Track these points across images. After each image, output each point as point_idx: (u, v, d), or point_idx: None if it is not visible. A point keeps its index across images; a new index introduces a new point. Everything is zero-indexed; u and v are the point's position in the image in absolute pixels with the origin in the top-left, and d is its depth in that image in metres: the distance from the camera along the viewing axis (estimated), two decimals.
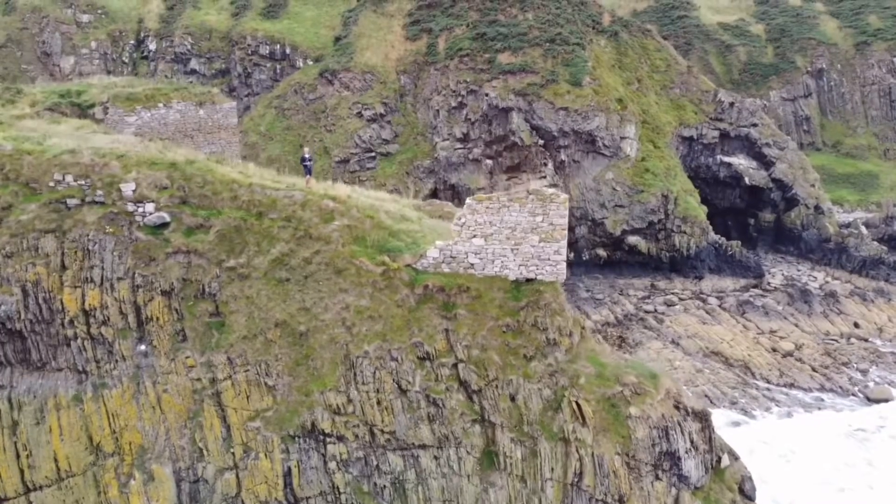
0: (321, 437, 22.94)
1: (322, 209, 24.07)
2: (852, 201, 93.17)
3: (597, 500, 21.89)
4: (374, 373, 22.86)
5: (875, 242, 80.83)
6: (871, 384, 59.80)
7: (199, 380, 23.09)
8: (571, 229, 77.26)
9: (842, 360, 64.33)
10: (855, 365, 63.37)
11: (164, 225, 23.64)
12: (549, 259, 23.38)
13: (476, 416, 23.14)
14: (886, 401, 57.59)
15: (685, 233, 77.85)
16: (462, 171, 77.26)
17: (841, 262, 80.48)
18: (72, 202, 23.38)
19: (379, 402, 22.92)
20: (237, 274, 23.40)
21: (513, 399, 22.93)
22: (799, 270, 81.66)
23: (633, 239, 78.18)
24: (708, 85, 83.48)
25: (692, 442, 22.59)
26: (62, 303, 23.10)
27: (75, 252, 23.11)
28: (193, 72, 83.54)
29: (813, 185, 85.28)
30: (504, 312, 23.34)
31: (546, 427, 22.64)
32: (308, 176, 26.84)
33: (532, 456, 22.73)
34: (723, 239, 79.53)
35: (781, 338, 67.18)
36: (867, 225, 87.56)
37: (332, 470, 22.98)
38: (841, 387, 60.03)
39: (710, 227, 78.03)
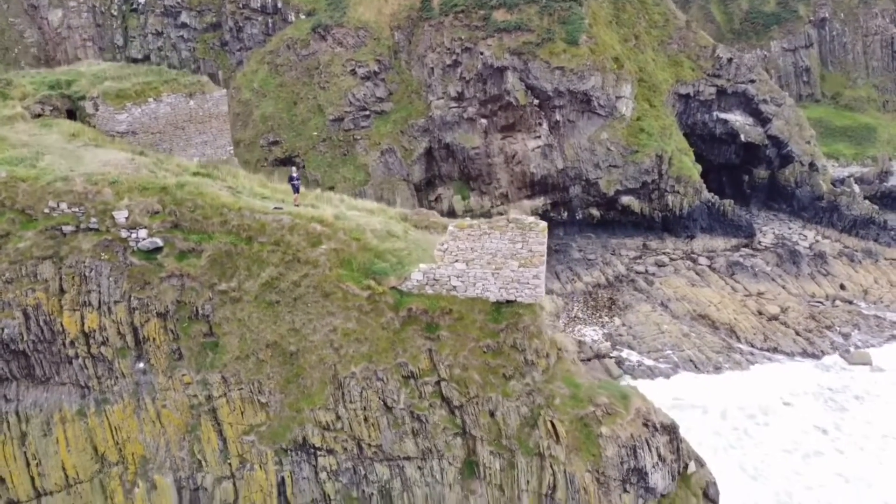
0: (312, 451, 24.50)
1: (309, 233, 24.89)
2: (848, 155, 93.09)
3: None
4: (361, 392, 24.21)
5: (867, 202, 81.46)
6: (851, 349, 61.66)
7: (195, 396, 24.46)
8: (566, 189, 77.90)
9: (825, 323, 66.07)
10: (838, 329, 65.16)
11: (158, 249, 24.52)
12: (528, 283, 24.38)
13: (458, 429, 24.62)
14: (866, 364, 59.56)
15: (678, 193, 78.39)
16: (457, 131, 77.22)
17: (832, 220, 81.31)
18: (67, 229, 24.20)
19: (366, 419, 24.36)
20: (229, 297, 24.43)
21: (492, 415, 24.35)
22: (790, 229, 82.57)
23: (626, 199, 78.80)
24: (706, 40, 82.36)
25: (660, 455, 24.14)
26: (62, 325, 24.23)
27: (73, 277, 24.08)
28: (184, 25, 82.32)
29: (808, 143, 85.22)
30: (485, 334, 24.49)
31: (523, 442, 24.15)
32: (296, 194, 27.50)
33: (510, 468, 24.33)
34: (716, 198, 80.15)
35: (768, 300, 68.72)
36: (861, 180, 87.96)
37: (323, 480, 24.64)
38: (822, 351, 61.94)
39: (704, 187, 78.54)
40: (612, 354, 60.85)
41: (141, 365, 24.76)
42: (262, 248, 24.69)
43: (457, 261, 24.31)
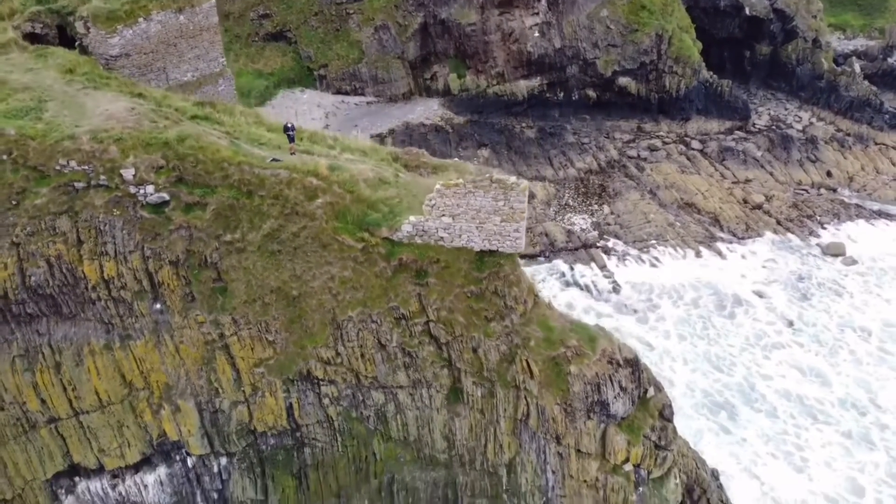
0: (315, 381, 27.76)
1: (306, 187, 26.57)
2: (856, 26, 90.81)
3: (538, 436, 27.29)
4: (358, 333, 27.05)
5: (866, 82, 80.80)
6: (827, 240, 64.47)
7: (209, 334, 27.32)
8: (563, 69, 77.20)
9: (807, 212, 68.46)
10: (818, 218, 67.66)
11: (165, 203, 26.33)
12: (509, 236, 26.44)
13: (444, 363, 27.74)
14: (839, 255, 62.67)
15: (676, 73, 77.85)
16: (452, 6, 75.41)
17: (829, 102, 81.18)
18: (79, 185, 25.88)
19: (363, 355, 27.40)
20: (234, 247, 26.58)
21: (475, 351, 27.35)
22: (786, 110, 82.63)
23: (623, 80, 78.35)
24: None
25: (621, 387, 27.44)
26: (83, 272, 26.58)
27: (89, 230, 26.10)
28: None
29: (815, 17, 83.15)
30: (469, 281, 26.91)
31: (501, 376, 27.34)
32: (292, 143, 28.72)
33: (490, 396, 27.70)
34: (714, 77, 79.61)
35: (754, 189, 70.60)
36: (865, 55, 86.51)
37: (326, 405, 28.11)
38: (800, 241, 64.82)
39: (703, 66, 77.78)
40: (598, 244, 63.70)
41: (158, 306, 27.39)
42: (262, 202, 26.49)
43: (444, 215, 26.21)
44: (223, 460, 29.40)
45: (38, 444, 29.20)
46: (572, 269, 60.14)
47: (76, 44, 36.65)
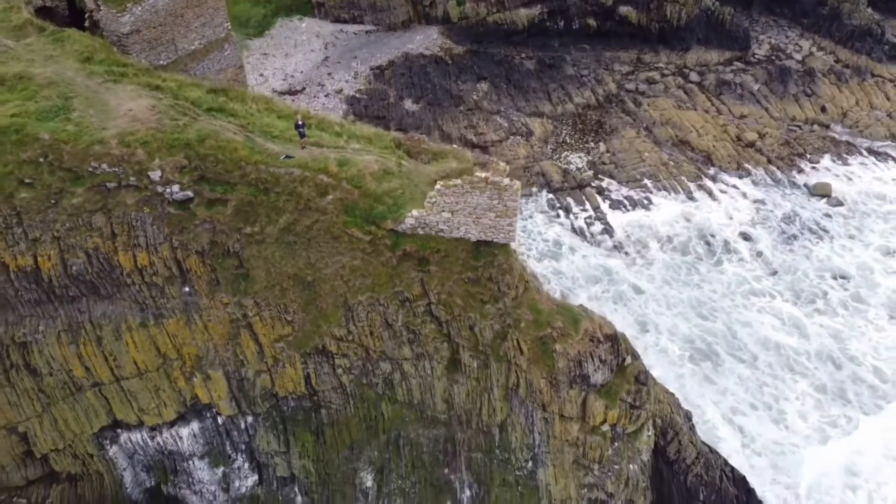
0: (330, 354, 31.23)
1: (317, 184, 29.00)
2: None
3: (527, 404, 31.05)
4: (367, 314, 30.27)
5: (869, 10, 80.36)
6: (815, 180, 66.72)
7: (233, 314, 30.55)
8: None
9: (798, 150, 70.35)
10: (808, 156, 69.61)
11: (189, 200, 28.87)
12: (503, 229, 29.15)
13: (444, 338, 31.12)
14: (825, 196, 65.14)
15: (677, 2, 77.60)
16: None
17: (830, 30, 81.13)
18: (111, 185, 28.32)
19: (371, 333, 30.73)
20: (254, 239, 29.35)
21: (471, 329, 30.66)
22: (787, 38, 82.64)
23: (624, 9, 78.24)
24: None
25: (601, 360, 30.94)
26: (119, 261, 29.48)
27: (122, 225, 28.79)
28: None
29: None
30: (466, 268, 29.85)
31: (495, 350, 30.78)
32: (303, 139, 30.78)
33: (484, 367, 31.25)
34: (716, 4, 79.24)
35: (748, 126, 72.07)
36: None
37: (340, 374, 31.72)
38: (789, 180, 67.14)
39: None
40: (592, 184, 66.01)
41: (186, 289, 30.46)
42: (277, 198, 29.01)
43: (444, 211, 28.81)
44: (249, 419, 33.36)
45: (84, 404, 33.04)
46: (567, 209, 62.66)
47: (86, 16, 37.91)
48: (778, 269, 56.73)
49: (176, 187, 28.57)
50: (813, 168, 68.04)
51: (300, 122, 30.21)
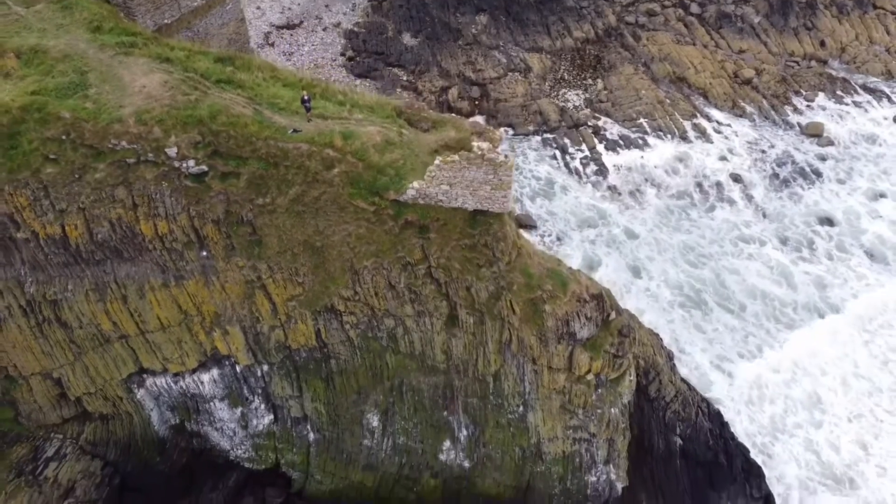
0: (338, 312, 33.95)
1: (324, 158, 30.84)
2: None
3: (518, 357, 34.02)
4: (372, 277, 32.76)
5: None
6: (807, 120, 67.83)
7: (248, 276, 33.05)
8: None
9: (794, 87, 71.11)
10: (804, 94, 70.42)
11: (205, 174, 30.80)
12: (498, 200, 31.21)
13: (443, 297, 33.74)
14: (817, 136, 66.51)
15: None
16: None
17: None
18: (130, 161, 30.19)
19: (376, 294, 33.32)
20: (266, 209, 31.47)
21: (468, 290, 33.23)
22: None
23: None
24: None
25: (587, 317, 33.70)
26: (140, 230, 31.72)
27: (142, 197, 30.85)
28: None
29: None
30: (464, 235, 32.11)
31: (489, 309, 33.47)
32: (308, 113, 32.26)
33: (480, 324, 34.03)
34: None
35: (746, 62, 72.46)
36: None
37: (348, 329, 34.54)
38: (783, 119, 68.29)
39: None
40: (589, 123, 67.17)
41: (204, 253, 32.82)
42: (287, 171, 30.93)
43: (442, 183, 30.81)
44: (265, 367, 36.45)
45: (112, 353, 36.06)
46: (563, 149, 64.15)
47: None
48: (768, 214, 58.75)
49: (191, 162, 30.44)
50: (808, 106, 68.99)
51: (306, 97, 31.71)
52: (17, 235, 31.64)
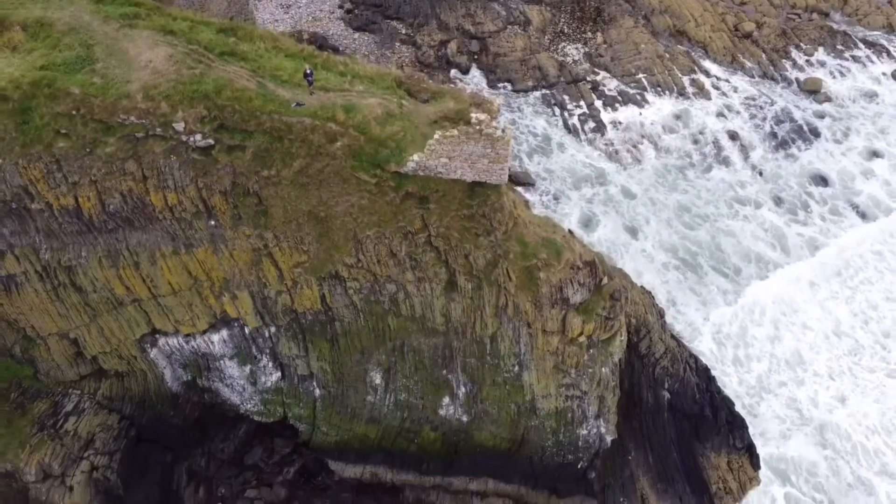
0: (342, 278, 35.43)
1: (327, 132, 31.77)
2: None
3: (514, 321, 35.69)
4: (374, 246, 34.12)
5: None
6: (805, 75, 68.01)
7: (255, 244, 34.40)
8: None
9: (794, 41, 71.04)
10: (804, 47, 70.34)
11: (211, 147, 31.80)
12: (495, 172, 32.32)
13: (442, 264, 35.18)
14: (815, 91, 66.88)
15: None
16: None
17: None
18: (139, 135, 31.15)
19: (378, 261, 34.74)
20: (271, 181, 32.58)
21: (466, 257, 34.65)
22: None
23: None
24: None
25: (580, 283, 35.23)
26: (151, 200, 32.90)
27: (152, 170, 31.93)
28: None
29: None
30: (462, 206, 33.33)
31: (487, 276, 34.95)
32: (311, 86, 32.95)
33: (478, 289, 35.57)
34: None
35: (748, 15, 72.07)
36: None
37: (351, 294, 36.09)
38: (781, 75, 68.47)
39: None
40: (588, 78, 67.36)
41: (212, 223, 34.08)
42: (291, 145, 31.92)
43: (442, 157, 31.88)
44: (272, 329, 38.16)
45: (126, 316, 37.70)
46: (561, 105, 64.57)
47: None
48: (764, 174, 59.57)
49: (198, 136, 31.41)
50: (807, 61, 69.09)
51: (308, 71, 32.42)
52: (31, 206, 32.80)
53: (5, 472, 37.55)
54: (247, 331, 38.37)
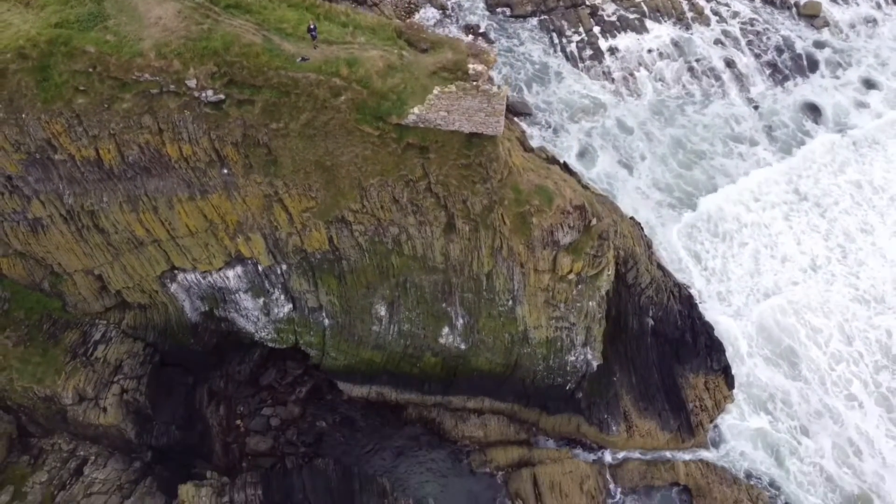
0: (348, 223, 37.89)
1: (331, 87, 33.38)
2: None
3: (508, 261, 38.42)
4: (378, 193, 36.39)
5: None
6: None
7: (266, 191, 36.67)
8: None
9: None
10: None
11: (222, 101, 33.52)
12: (491, 125, 34.20)
13: (442, 209, 37.56)
14: (815, 16, 66.93)
15: None
16: None
17: None
18: (153, 91, 32.82)
19: (382, 207, 37.10)
20: (279, 133, 34.47)
21: (464, 202, 36.98)
22: None
23: None
24: None
25: (570, 226, 37.74)
26: (167, 152, 34.93)
27: (167, 124, 33.78)
28: None
29: None
30: (460, 156, 35.36)
31: (483, 220, 37.39)
32: (315, 40, 34.16)
33: (475, 231, 38.10)
34: None
35: None
36: None
37: (357, 236, 38.65)
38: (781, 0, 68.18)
39: None
40: (587, 2, 67.14)
41: (225, 171, 36.21)
42: (297, 99, 33.61)
43: (440, 110, 33.68)
44: (284, 266, 40.96)
45: (146, 255, 40.42)
46: (559, 32, 64.77)
47: None
48: (760, 108, 60.47)
49: (209, 92, 33.08)
50: None
51: (312, 26, 33.69)
52: (55, 157, 34.85)
53: (45, 396, 41.30)
54: (260, 268, 41.17)
